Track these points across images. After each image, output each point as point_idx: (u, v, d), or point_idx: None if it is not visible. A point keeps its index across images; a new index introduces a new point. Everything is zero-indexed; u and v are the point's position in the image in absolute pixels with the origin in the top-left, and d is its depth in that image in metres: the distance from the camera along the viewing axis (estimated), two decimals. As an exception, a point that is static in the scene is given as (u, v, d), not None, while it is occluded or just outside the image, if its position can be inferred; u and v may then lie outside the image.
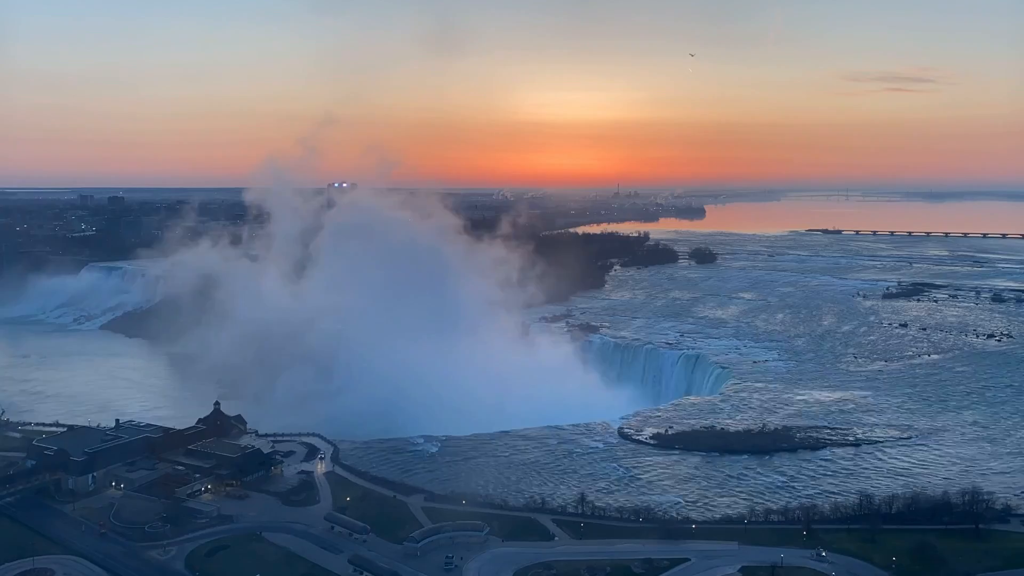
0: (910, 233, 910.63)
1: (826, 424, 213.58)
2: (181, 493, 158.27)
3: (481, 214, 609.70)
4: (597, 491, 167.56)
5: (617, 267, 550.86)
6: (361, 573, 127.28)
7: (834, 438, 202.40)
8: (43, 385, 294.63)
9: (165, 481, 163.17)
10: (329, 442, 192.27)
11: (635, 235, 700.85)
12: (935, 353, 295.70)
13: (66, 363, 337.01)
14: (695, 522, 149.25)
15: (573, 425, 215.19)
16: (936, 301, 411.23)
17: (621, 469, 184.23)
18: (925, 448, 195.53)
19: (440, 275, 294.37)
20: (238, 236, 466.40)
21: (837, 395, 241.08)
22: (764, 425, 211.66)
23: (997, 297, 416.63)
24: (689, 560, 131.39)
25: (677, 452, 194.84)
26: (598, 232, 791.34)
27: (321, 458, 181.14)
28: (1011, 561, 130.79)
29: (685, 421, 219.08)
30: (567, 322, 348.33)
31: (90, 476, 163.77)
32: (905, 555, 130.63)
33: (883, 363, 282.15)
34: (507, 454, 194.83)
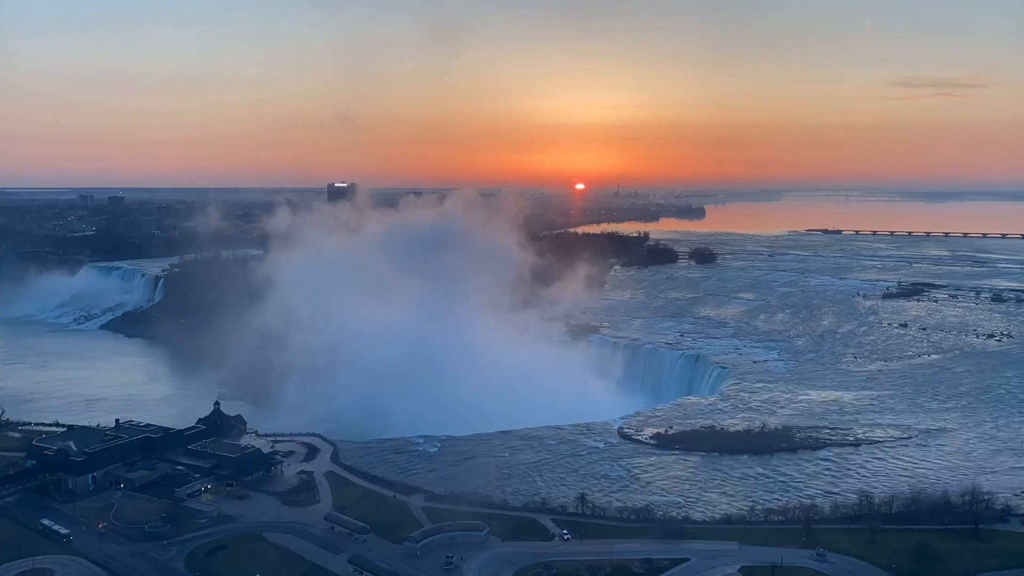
0: (910, 233, 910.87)
1: (826, 424, 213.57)
2: (181, 493, 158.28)
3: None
4: (597, 491, 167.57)
5: (617, 267, 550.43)
6: (361, 573, 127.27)
7: (834, 438, 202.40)
8: (43, 385, 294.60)
9: (165, 481, 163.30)
10: (329, 442, 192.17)
11: (635, 235, 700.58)
12: (935, 353, 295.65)
13: (66, 363, 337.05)
14: (695, 522, 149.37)
15: (573, 425, 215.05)
16: (936, 301, 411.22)
17: (621, 469, 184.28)
18: (925, 448, 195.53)
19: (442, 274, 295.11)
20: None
21: (837, 395, 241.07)
22: (764, 425, 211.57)
23: (997, 297, 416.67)
24: (689, 560, 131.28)
25: (677, 452, 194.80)
26: (598, 232, 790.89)
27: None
28: (1011, 561, 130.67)
29: (685, 421, 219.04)
30: (567, 322, 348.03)
31: (90, 476, 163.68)
32: (905, 555, 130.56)
33: (883, 363, 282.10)
34: (507, 454, 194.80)
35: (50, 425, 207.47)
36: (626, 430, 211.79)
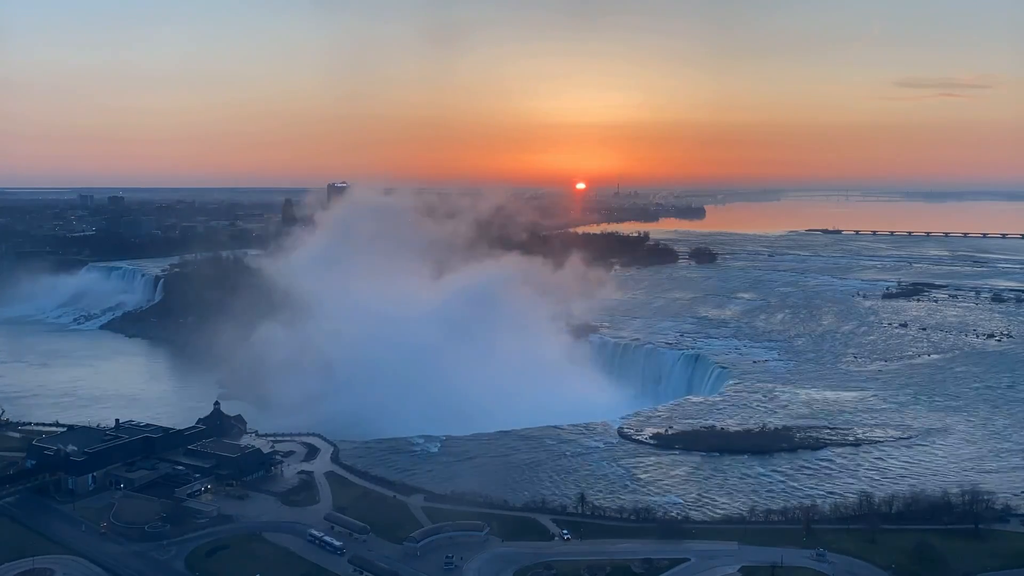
0: (910, 233, 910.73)
1: (826, 424, 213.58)
2: (181, 493, 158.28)
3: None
4: (597, 491, 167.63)
5: (617, 267, 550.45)
6: (361, 573, 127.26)
7: (834, 438, 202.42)
8: (43, 385, 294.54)
9: (165, 481, 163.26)
10: (329, 442, 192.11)
11: (635, 235, 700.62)
12: (935, 353, 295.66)
13: (66, 363, 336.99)
14: (695, 522, 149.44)
15: (573, 425, 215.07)
16: (936, 301, 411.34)
17: (621, 469, 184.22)
18: (925, 448, 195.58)
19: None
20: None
21: (837, 395, 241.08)
22: (764, 425, 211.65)
23: (997, 297, 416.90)
24: (689, 560, 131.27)
25: (677, 452, 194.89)
26: (598, 232, 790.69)
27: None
28: (1011, 561, 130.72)
29: (685, 421, 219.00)
30: (567, 322, 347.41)
31: (90, 476, 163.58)
32: (905, 555, 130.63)
33: (883, 363, 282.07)
34: (507, 454, 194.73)
35: (50, 425, 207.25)
36: (626, 430, 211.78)
